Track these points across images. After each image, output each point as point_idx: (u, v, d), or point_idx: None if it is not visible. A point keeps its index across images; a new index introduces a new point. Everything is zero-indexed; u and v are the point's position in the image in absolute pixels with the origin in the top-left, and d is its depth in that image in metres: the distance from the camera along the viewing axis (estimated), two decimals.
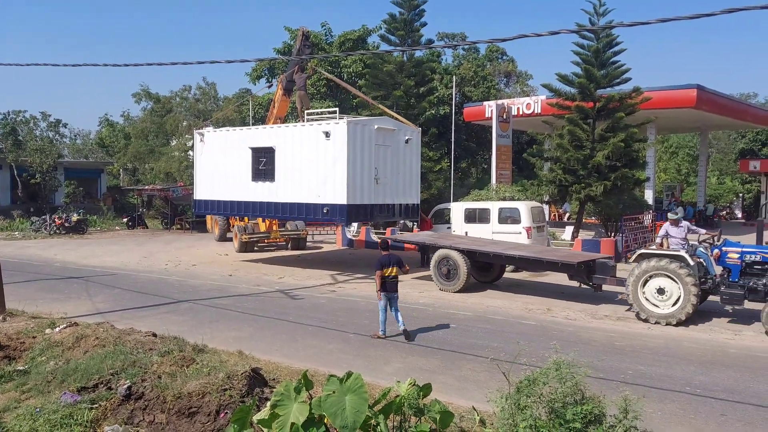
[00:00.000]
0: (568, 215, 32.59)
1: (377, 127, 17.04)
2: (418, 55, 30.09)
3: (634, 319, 11.48)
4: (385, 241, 11.03)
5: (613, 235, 22.25)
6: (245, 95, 41.60)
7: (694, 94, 23.63)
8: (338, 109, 19.07)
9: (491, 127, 26.13)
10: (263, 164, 17.70)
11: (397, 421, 5.24)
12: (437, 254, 14.82)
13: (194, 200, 20.70)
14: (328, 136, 16.21)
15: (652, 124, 24.02)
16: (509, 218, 17.56)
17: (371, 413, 4.89)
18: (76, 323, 9.65)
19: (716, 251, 11.27)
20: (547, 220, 20.55)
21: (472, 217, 18.15)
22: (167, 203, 35.65)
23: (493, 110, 26.19)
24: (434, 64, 34.04)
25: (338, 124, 16.22)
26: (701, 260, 11.48)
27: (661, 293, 11.17)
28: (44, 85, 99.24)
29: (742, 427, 6.52)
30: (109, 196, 42.01)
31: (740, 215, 38.49)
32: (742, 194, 41.03)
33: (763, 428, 6.49)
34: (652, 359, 8.93)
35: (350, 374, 4.90)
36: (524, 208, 17.58)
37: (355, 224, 24.90)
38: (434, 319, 11.53)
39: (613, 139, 20.36)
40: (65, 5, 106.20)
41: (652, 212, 23.93)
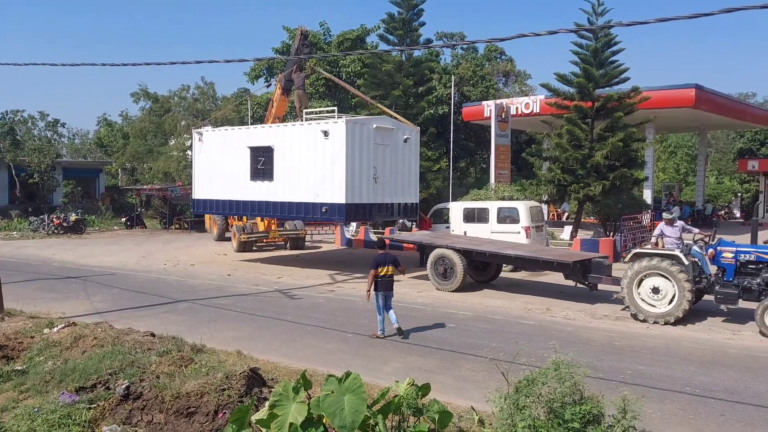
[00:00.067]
0: (566, 215, 32.60)
1: (376, 126, 17.03)
2: (416, 54, 30.12)
3: (633, 319, 11.48)
4: (381, 239, 11.03)
5: (611, 234, 22.27)
6: (244, 95, 41.56)
7: (692, 93, 23.64)
8: (337, 108, 19.05)
9: (490, 126, 26.13)
10: (262, 163, 17.69)
11: (395, 421, 5.23)
12: (434, 254, 14.82)
13: (193, 200, 20.68)
14: (326, 135, 16.20)
15: (650, 123, 24.02)
16: (508, 218, 17.55)
17: (370, 413, 4.88)
18: (74, 323, 9.62)
19: (711, 251, 11.29)
20: (545, 219, 20.54)
21: (470, 216, 18.14)
22: (166, 203, 35.61)
23: (491, 110, 26.20)
24: (433, 63, 34.03)
25: (337, 123, 16.21)
26: (696, 260, 11.51)
27: (655, 292, 11.19)
28: (43, 84, 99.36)
29: (742, 427, 6.51)
30: (107, 195, 41.95)
31: (739, 215, 38.54)
32: (740, 194, 41.08)
33: (763, 429, 6.49)
34: (651, 359, 8.93)
35: (349, 374, 4.89)
36: (523, 207, 17.58)
37: (353, 224, 24.91)
38: (433, 318, 11.52)
39: (611, 138, 20.36)
40: (65, 5, 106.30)
41: (650, 212, 23.95)
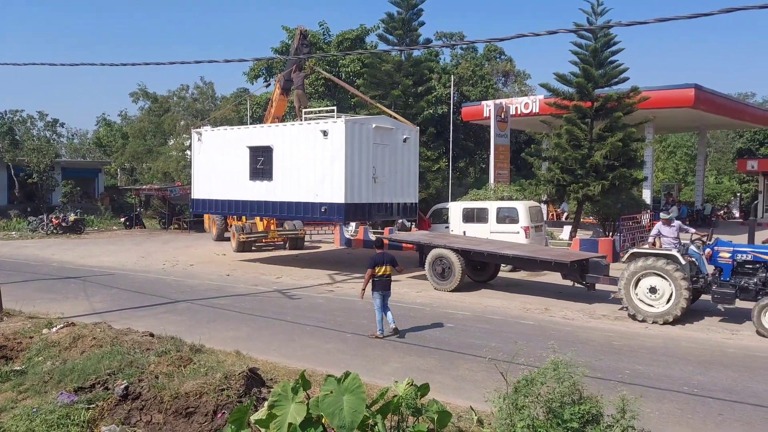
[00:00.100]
0: (566, 215, 32.61)
1: (375, 125, 17.03)
2: (416, 54, 30.10)
3: (631, 319, 11.49)
4: (379, 239, 11.04)
5: (611, 234, 22.28)
6: (243, 95, 41.53)
7: (692, 93, 23.64)
8: (336, 108, 19.04)
9: (489, 126, 26.13)
10: (261, 163, 17.68)
11: (394, 421, 5.23)
12: (432, 253, 14.83)
13: (192, 199, 20.67)
14: (326, 135, 16.19)
15: (650, 123, 24.02)
16: (507, 218, 17.56)
17: (369, 413, 4.87)
18: (73, 323, 9.61)
19: (708, 250, 11.32)
20: (545, 219, 20.55)
21: (470, 216, 18.14)
22: (165, 203, 35.59)
23: (491, 110, 26.20)
24: (432, 63, 34.03)
25: (336, 122, 16.20)
26: (693, 259, 11.54)
27: (653, 292, 11.22)
28: (42, 84, 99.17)
29: (740, 426, 6.52)
30: (106, 195, 41.91)
31: (738, 215, 38.56)
32: (739, 194, 41.10)
33: (761, 428, 6.49)
34: (650, 359, 8.93)
35: (348, 374, 4.88)
36: (522, 207, 17.59)
37: (353, 224, 24.91)
38: (432, 318, 11.52)
39: (611, 138, 20.37)
40: (65, 5, 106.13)
41: (650, 212, 23.97)
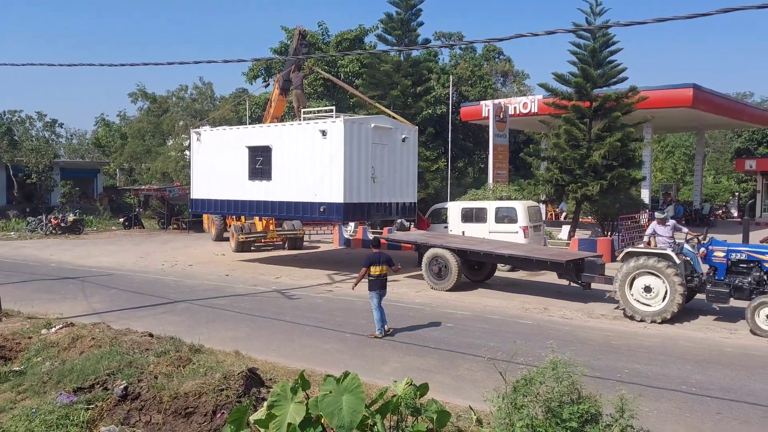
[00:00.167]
0: (564, 214, 32.63)
1: (374, 125, 17.03)
2: (415, 54, 30.09)
3: (626, 318, 11.52)
4: (376, 239, 11.06)
5: (609, 234, 22.31)
6: (242, 95, 41.49)
7: (690, 93, 23.67)
8: (335, 108, 19.05)
9: (488, 126, 26.13)
10: (260, 163, 17.68)
11: (394, 420, 5.24)
12: (428, 253, 14.86)
13: (191, 199, 20.66)
14: (324, 134, 16.19)
15: (648, 123, 24.05)
16: (506, 218, 17.57)
17: (368, 413, 4.88)
18: (72, 324, 9.61)
19: (702, 250, 11.37)
20: (543, 219, 20.58)
21: (469, 216, 18.15)
22: (164, 203, 35.57)
23: (489, 110, 26.21)
24: (431, 63, 34.02)
25: (335, 122, 16.20)
26: (688, 258, 11.57)
27: (647, 291, 11.26)
28: (41, 84, 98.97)
29: (737, 425, 6.54)
30: (105, 196, 41.88)
31: (736, 214, 38.61)
32: (738, 193, 41.15)
33: (759, 426, 6.51)
34: (648, 358, 8.95)
35: (347, 374, 4.89)
36: (521, 207, 17.60)
37: (351, 223, 24.92)
38: (431, 318, 11.53)
39: (609, 138, 20.40)
40: (65, 5, 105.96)
41: (648, 211, 24.00)
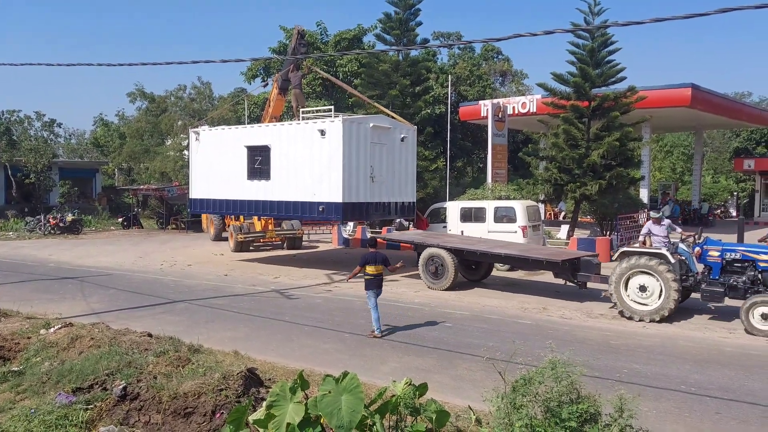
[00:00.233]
0: (563, 214, 32.66)
1: (373, 125, 17.02)
2: (413, 54, 30.05)
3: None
4: (373, 238, 11.07)
5: (608, 233, 22.33)
6: (240, 94, 41.48)
7: (688, 93, 23.69)
8: (334, 107, 19.05)
9: (487, 126, 26.12)
10: (259, 163, 17.66)
11: (393, 420, 5.24)
12: (425, 253, 14.88)
13: (190, 199, 20.64)
14: (323, 134, 16.19)
15: (646, 123, 24.07)
16: (505, 217, 17.58)
17: (367, 413, 4.88)
18: (71, 324, 9.60)
19: (697, 249, 11.40)
20: (542, 219, 20.59)
21: (467, 216, 18.16)
22: (162, 203, 35.54)
23: (488, 109, 26.21)
24: (430, 63, 33.99)
25: (334, 122, 16.19)
26: (683, 258, 11.60)
27: (642, 290, 11.31)
28: (40, 84, 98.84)
29: (736, 425, 6.55)
30: (104, 195, 41.83)
31: (735, 214, 38.66)
32: (736, 193, 41.20)
33: (757, 426, 6.52)
34: (647, 358, 8.96)
35: (346, 374, 4.89)
36: (520, 207, 17.61)
37: (350, 223, 24.91)
38: (430, 318, 11.54)
39: (608, 138, 20.40)
40: (65, 5, 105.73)
41: (646, 211, 24.02)
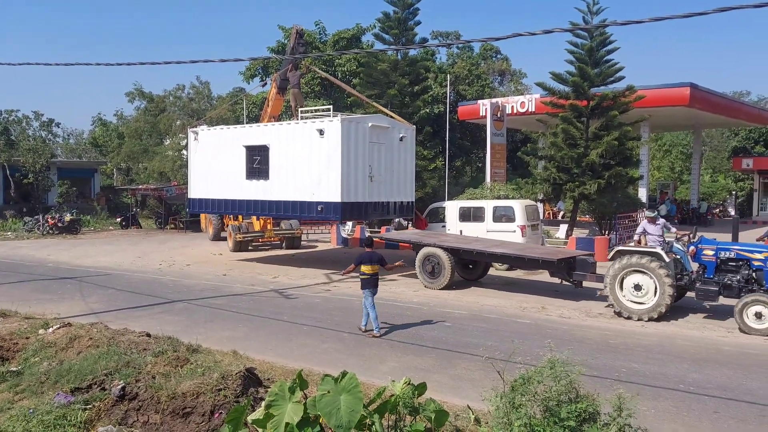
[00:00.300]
0: (562, 213, 32.67)
1: (371, 124, 17.01)
2: (412, 53, 30.04)
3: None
4: (369, 238, 11.08)
5: (607, 233, 22.34)
6: (239, 94, 41.45)
7: (687, 92, 23.71)
8: (332, 107, 19.03)
9: (486, 125, 26.14)
10: (257, 162, 17.65)
11: (392, 420, 5.23)
12: (422, 252, 14.88)
13: (188, 199, 20.63)
14: (322, 133, 16.18)
15: (645, 122, 24.09)
16: (504, 217, 17.59)
17: (366, 413, 4.88)
18: (69, 324, 9.59)
19: (692, 248, 11.44)
20: (541, 218, 20.59)
21: (466, 215, 18.17)
22: (161, 203, 35.49)
23: (487, 109, 26.21)
24: (428, 62, 33.98)
25: (332, 121, 16.18)
26: (678, 257, 11.62)
27: (637, 289, 11.35)
28: (39, 84, 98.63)
29: (735, 424, 6.56)
30: (102, 195, 41.78)
31: (733, 213, 38.67)
32: (735, 192, 41.23)
33: (755, 425, 6.53)
34: (645, 357, 8.97)
35: (345, 374, 4.88)
36: (519, 206, 17.62)
37: (349, 223, 24.89)
38: (429, 318, 11.54)
39: (606, 137, 20.41)
40: (65, 5, 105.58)
41: (645, 210, 24.04)
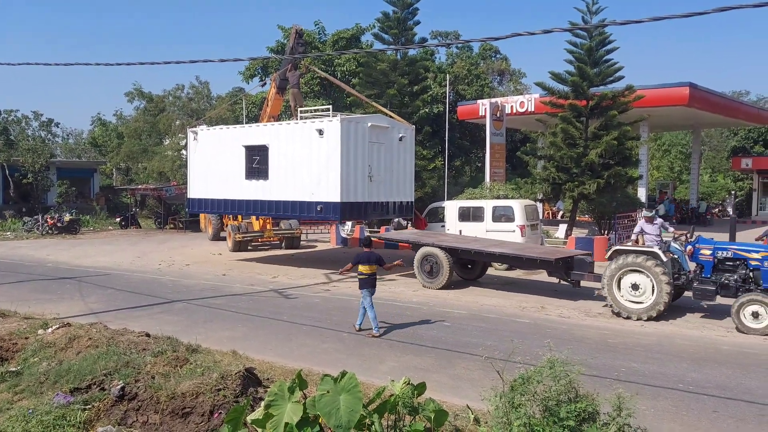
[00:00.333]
0: (561, 213, 32.67)
1: (371, 124, 17.01)
2: (411, 53, 30.05)
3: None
4: (368, 238, 11.09)
5: (606, 232, 22.35)
6: (238, 94, 41.43)
7: (686, 92, 23.71)
8: (332, 107, 19.02)
9: (485, 125, 26.15)
10: (257, 162, 17.64)
11: (391, 420, 5.24)
12: (420, 252, 14.89)
13: (188, 199, 20.62)
14: (321, 133, 16.18)
15: (644, 122, 24.09)
16: (503, 216, 17.59)
17: (366, 412, 4.88)
18: (68, 324, 9.59)
19: (690, 248, 11.46)
20: (540, 218, 20.59)
21: (466, 215, 18.18)
22: (160, 203, 35.47)
23: (486, 108, 26.21)
24: (428, 62, 33.98)
25: (332, 121, 16.18)
26: (675, 256, 11.64)
27: (635, 289, 11.37)
28: (38, 84, 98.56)
29: (733, 423, 6.56)
30: (101, 195, 41.75)
31: (732, 212, 38.64)
32: (734, 191, 41.22)
33: (754, 424, 6.54)
34: (645, 356, 8.98)
35: (344, 373, 4.89)
36: (518, 206, 17.63)
37: (349, 222, 24.89)
38: (428, 317, 11.55)
39: (606, 137, 20.41)
40: (65, 5, 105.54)
41: (643, 210, 24.05)
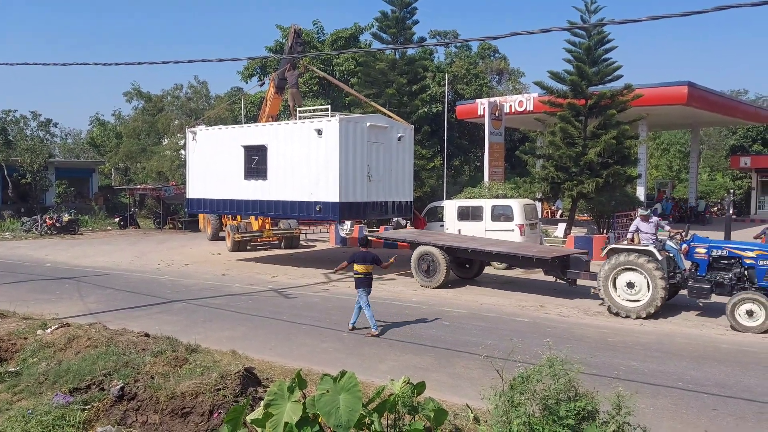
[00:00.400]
0: (560, 212, 32.68)
1: (369, 124, 17.01)
2: (410, 53, 30.06)
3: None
4: (365, 237, 11.09)
5: (605, 231, 22.36)
6: (237, 94, 41.42)
7: (685, 91, 23.73)
8: (330, 107, 19.01)
9: (484, 124, 26.14)
10: (255, 162, 17.64)
11: (391, 419, 5.23)
12: (417, 251, 14.91)
13: (187, 199, 20.62)
14: (320, 133, 16.18)
15: (643, 120, 24.09)
16: (502, 216, 17.60)
17: (365, 412, 4.88)
18: (68, 324, 9.58)
19: (685, 246, 11.49)
20: (539, 217, 20.60)
21: (465, 214, 18.18)
22: (159, 203, 35.46)
23: (485, 108, 26.20)
24: (426, 62, 33.97)
25: (330, 121, 16.17)
26: (671, 255, 11.66)
27: (630, 287, 11.39)
28: (37, 84, 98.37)
29: (733, 421, 6.57)
30: (100, 195, 41.70)
31: (731, 211, 38.71)
32: (733, 190, 41.29)
33: (754, 422, 6.55)
34: (644, 355, 8.98)
35: (344, 373, 4.88)
36: (517, 205, 17.63)
37: (348, 222, 24.89)
38: (427, 316, 11.55)
39: (605, 136, 20.43)
40: (65, 5, 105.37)
41: (639, 208, 24.08)
